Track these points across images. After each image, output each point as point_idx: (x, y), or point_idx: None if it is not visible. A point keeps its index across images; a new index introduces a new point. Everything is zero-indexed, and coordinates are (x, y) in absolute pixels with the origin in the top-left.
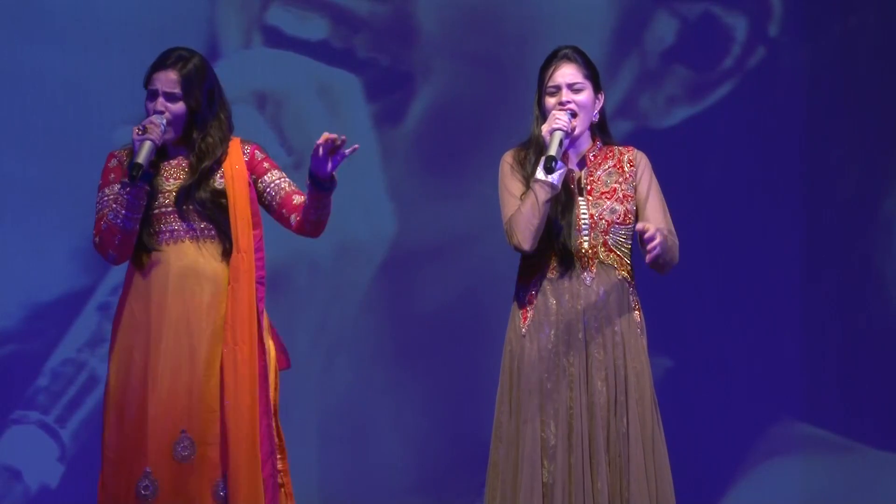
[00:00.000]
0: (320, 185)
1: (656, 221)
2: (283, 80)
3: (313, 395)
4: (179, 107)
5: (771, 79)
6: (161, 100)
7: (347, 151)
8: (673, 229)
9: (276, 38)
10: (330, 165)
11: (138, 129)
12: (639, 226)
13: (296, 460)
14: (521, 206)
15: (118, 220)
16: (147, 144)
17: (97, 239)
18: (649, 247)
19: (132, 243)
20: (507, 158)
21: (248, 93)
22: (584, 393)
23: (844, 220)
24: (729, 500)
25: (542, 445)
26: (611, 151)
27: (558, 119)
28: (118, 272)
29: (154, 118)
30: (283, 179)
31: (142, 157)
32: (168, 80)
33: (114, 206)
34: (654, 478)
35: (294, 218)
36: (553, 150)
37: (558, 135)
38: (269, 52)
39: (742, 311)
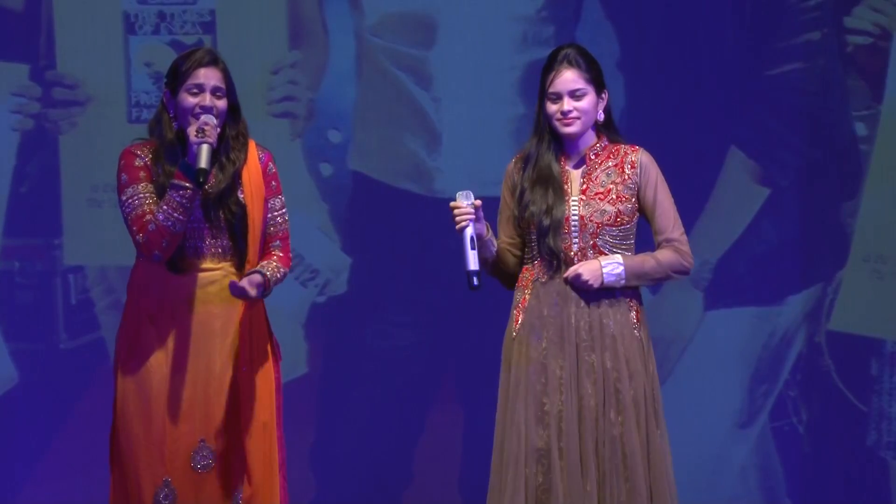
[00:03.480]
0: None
1: (666, 231)
2: None
3: (309, 399)
4: (224, 104)
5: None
6: (209, 95)
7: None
8: (683, 236)
9: None
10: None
11: (196, 132)
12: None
13: (292, 462)
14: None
15: (169, 223)
16: (206, 147)
17: (141, 237)
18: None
19: (177, 245)
20: (508, 168)
21: None
22: (574, 396)
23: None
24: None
25: (527, 449)
26: (615, 150)
27: (463, 222)
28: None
29: (207, 119)
30: (280, 215)
31: (204, 162)
32: (214, 76)
33: (164, 207)
34: (650, 480)
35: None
36: (472, 265)
37: (467, 234)
38: None
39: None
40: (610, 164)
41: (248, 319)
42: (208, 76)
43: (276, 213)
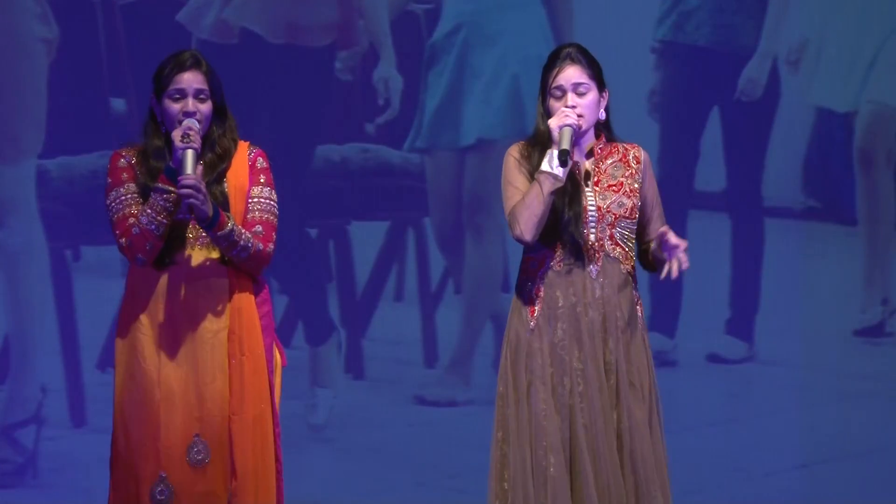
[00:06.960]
0: (202, 225)
1: (654, 234)
2: None
3: (304, 397)
4: (208, 106)
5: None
6: (191, 100)
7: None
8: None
9: None
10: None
11: (182, 137)
12: (662, 230)
13: (288, 462)
14: (524, 196)
15: (153, 227)
16: (190, 153)
17: (124, 241)
18: (678, 252)
19: (160, 248)
20: (513, 152)
21: None
22: (588, 387)
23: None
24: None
25: (548, 440)
26: (615, 147)
27: (567, 115)
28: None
29: (191, 123)
30: (262, 202)
31: (190, 168)
32: (195, 79)
33: (148, 211)
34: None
35: None
36: (566, 145)
37: (568, 131)
38: None
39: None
40: (615, 158)
41: (237, 311)
42: (190, 80)
43: (256, 200)
